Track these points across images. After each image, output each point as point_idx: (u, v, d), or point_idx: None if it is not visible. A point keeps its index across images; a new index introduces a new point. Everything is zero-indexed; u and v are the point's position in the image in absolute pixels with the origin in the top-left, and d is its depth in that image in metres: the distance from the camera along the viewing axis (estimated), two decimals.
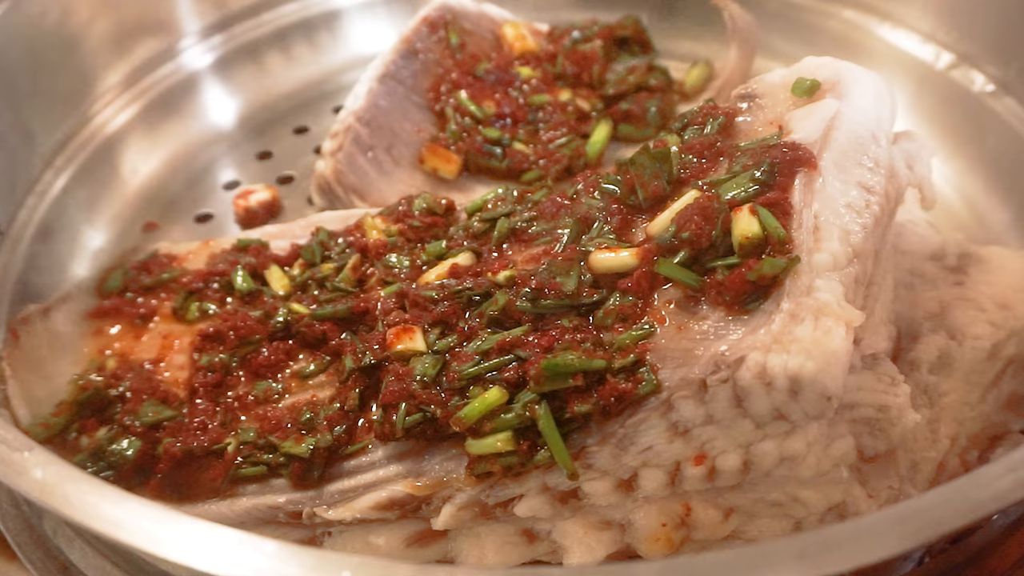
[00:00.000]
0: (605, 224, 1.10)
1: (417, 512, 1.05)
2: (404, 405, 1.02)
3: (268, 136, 1.79)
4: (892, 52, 1.71)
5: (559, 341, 0.99)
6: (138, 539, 0.78)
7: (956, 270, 1.30)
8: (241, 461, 1.10)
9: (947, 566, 0.97)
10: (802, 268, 0.95)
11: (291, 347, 1.21)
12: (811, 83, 1.12)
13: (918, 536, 0.74)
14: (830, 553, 0.73)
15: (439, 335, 1.07)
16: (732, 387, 0.92)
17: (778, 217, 0.98)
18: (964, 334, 1.21)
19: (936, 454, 1.12)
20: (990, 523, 1.02)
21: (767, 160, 1.02)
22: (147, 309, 1.31)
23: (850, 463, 0.98)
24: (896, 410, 0.97)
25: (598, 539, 1.01)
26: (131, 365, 1.22)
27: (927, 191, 1.20)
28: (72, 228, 1.58)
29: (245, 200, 1.62)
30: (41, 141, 1.59)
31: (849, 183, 1.03)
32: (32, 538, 1.11)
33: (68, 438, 1.15)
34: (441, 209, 1.34)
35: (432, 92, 1.60)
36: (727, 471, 0.95)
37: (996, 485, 0.77)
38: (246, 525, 1.08)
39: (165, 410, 1.15)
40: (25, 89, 1.54)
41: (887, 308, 1.14)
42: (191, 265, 1.37)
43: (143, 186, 1.69)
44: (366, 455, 1.07)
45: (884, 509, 0.84)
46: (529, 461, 0.96)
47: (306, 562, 0.74)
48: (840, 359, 0.90)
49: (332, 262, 1.30)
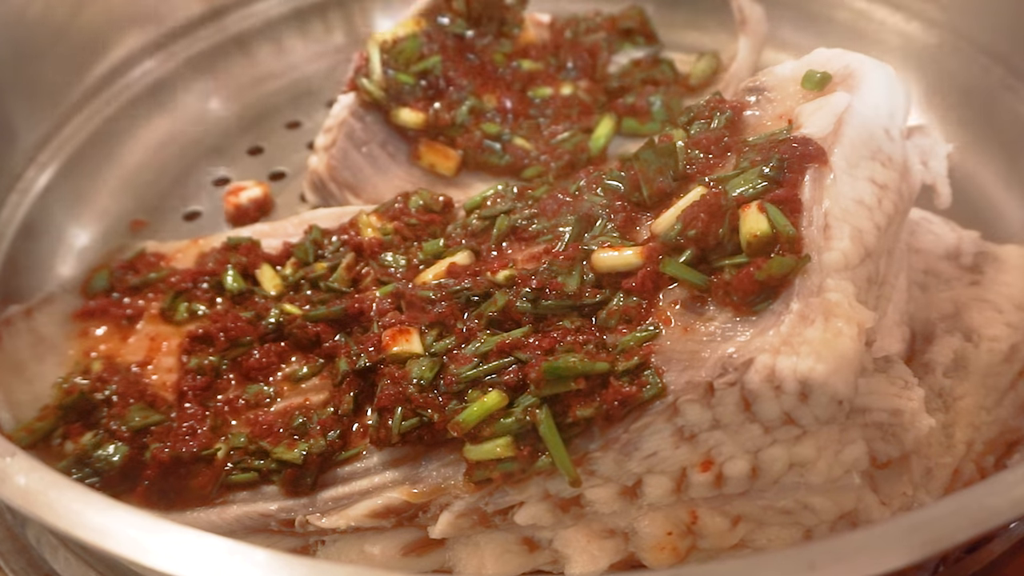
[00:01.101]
0: (608, 222, 1.10)
1: (414, 520, 1.05)
2: (400, 409, 1.02)
3: (259, 131, 1.79)
4: (905, 43, 1.71)
5: (561, 343, 0.99)
6: (124, 548, 0.78)
7: (972, 269, 1.30)
8: (231, 467, 1.10)
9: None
10: (812, 267, 0.95)
11: (283, 349, 1.21)
12: (822, 76, 1.12)
13: (933, 545, 0.74)
14: (841, 563, 0.73)
15: (436, 337, 1.07)
16: (740, 391, 0.92)
17: (787, 214, 0.98)
18: (980, 336, 1.21)
19: (951, 460, 1.12)
20: (1007, 532, 1.02)
21: (776, 156, 1.02)
22: (134, 310, 1.31)
23: (862, 469, 0.98)
24: (910, 414, 0.97)
25: (601, 548, 1.01)
26: (117, 368, 1.22)
27: (942, 187, 1.20)
28: (56, 226, 1.58)
29: (236, 197, 1.62)
30: (24, 136, 1.59)
31: (861, 179, 1.03)
32: (15, 547, 1.11)
33: (52, 443, 1.15)
34: (439, 206, 1.34)
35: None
36: (735, 477, 0.95)
37: (1013, 492, 0.77)
38: (236, 534, 1.08)
39: (153, 414, 1.15)
40: (7, 82, 1.54)
41: (900, 309, 1.14)
42: (179, 264, 1.37)
43: (130, 183, 1.69)
44: (361, 461, 1.07)
45: (897, 517, 0.84)
46: (530, 467, 0.96)
47: (299, 572, 0.74)
48: (851, 361, 0.91)
49: (326, 261, 1.30)
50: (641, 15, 1.73)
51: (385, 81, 1.52)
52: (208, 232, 1.55)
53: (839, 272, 0.96)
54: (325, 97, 1.83)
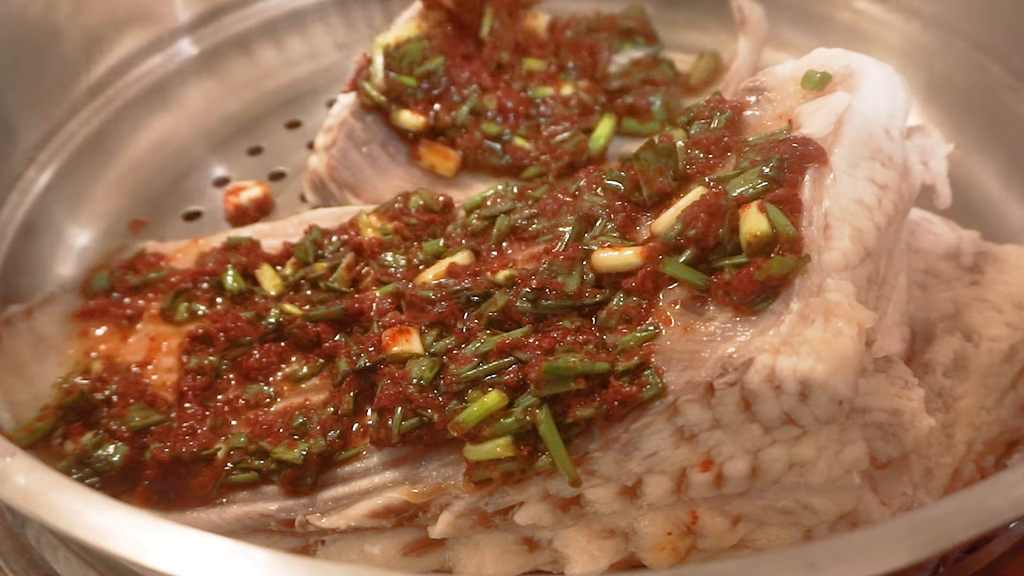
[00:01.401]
0: (608, 222, 1.10)
1: (414, 520, 1.05)
2: (400, 409, 1.02)
3: (259, 131, 1.79)
4: (905, 43, 1.71)
5: (561, 343, 0.99)
6: (125, 548, 0.78)
7: (972, 269, 1.30)
8: (231, 467, 1.10)
9: None
10: (812, 267, 0.95)
11: (283, 349, 1.22)
12: (821, 76, 1.12)
13: (933, 545, 0.74)
14: (841, 563, 0.73)
15: (436, 337, 1.07)
16: (740, 390, 0.92)
17: (787, 214, 0.98)
18: (980, 336, 1.21)
19: (951, 460, 1.12)
20: (1007, 532, 1.02)
21: (776, 155, 1.02)
22: (134, 310, 1.31)
23: (862, 469, 0.98)
24: (910, 414, 0.97)
25: (601, 548, 1.01)
26: (117, 368, 1.23)
27: (942, 188, 1.20)
28: (56, 226, 1.58)
29: (236, 197, 1.62)
30: (23, 136, 1.59)
31: (861, 179, 1.03)
32: (15, 547, 1.11)
33: (52, 443, 1.15)
34: (439, 206, 1.34)
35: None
36: (735, 477, 0.96)
37: (1013, 492, 0.77)
38: (236, 534, 1.08)
39: (153, 414, 1.15)
40: (7, 82, 1.55)
41: (900, 309, 1.14)
42: (179, 264, 1.37)
43: (130, 182, 1.69)
44: (361, 461, 1.07)
45: (897, 517, 0.84)
46: (530, 467, 0.96)
47: (299, 572, 0.75)
48: (851, 361, 0.91)
49: (326, 261, 1.30)
50: (641, 15, 1.73)
51: (387, 84, 1.52)
52: (208, 232, 1.55)
53: (839, 272, 0.96)
54: (325, 97, 1.83)
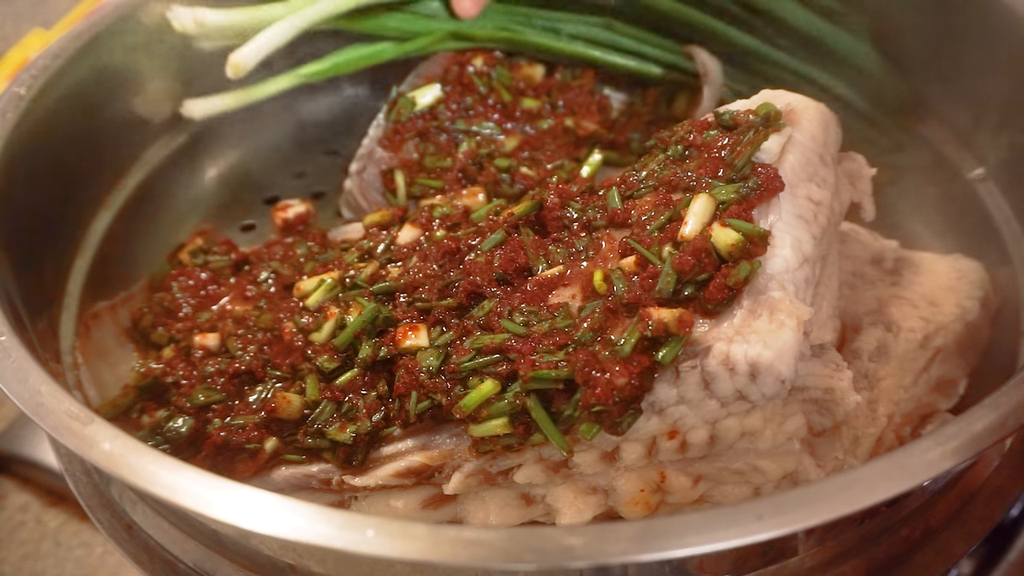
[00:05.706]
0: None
1: (431, 479, 1.05)
2: (415, 394, 1.02)
3: (303, 159, 1.78)
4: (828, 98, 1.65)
5: (541, 344, 0.96)
6: (191, 502, 0.78)
7: (892, 272, 1.30)
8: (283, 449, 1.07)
9: (885, 525, 0.97)
10: (760, 271, 0.95)
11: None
12: (770, 110, 1.11)
13: (860, 500, 0.75)
14: (784, 515, 0.73)
15: (439, 332, 1.06)
16: (700, 372, 0.92)
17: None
18: (899, 327, 1.21)
19: (875, 430, 1.12)
20: (921, 489, 1.02)
21: (741, 183, 1.01)
22: (203, 297, 1.30)
23: (801, 437, 0.98)
24: (840, 392, 0.97)
25: (586, 503, 1.00)
26: (186, 353, 1.21)
27: (867, 204, 1.20)
28: (138, 236, 1.55)
29: (283, 212, 1.60)
30: (109, 158, 1.55)
31: (800, 197, 1.02)
32: (101, 502, 1.11)
33: (132, 416, 1.15)
34: (459, 216, 1.28)
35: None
36: (696, 444, 0.95)
37: (926, 456, 0.78)
38: (284, 491, 1.08)
39: (214, 394, 1.14)
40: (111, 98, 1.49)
41: (833, 305, 1.14)
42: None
43: (199, 202, 1.68)
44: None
45: (831, 477, 0.84)
46: (526, 441, 0.96)
47: (336, 522, 0.74)
48: (792, 348, 0.90)
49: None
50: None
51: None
52: (260, 242, 1.54)
53: (781, 274, 0.96)
54: (358, 131, 1.81)
